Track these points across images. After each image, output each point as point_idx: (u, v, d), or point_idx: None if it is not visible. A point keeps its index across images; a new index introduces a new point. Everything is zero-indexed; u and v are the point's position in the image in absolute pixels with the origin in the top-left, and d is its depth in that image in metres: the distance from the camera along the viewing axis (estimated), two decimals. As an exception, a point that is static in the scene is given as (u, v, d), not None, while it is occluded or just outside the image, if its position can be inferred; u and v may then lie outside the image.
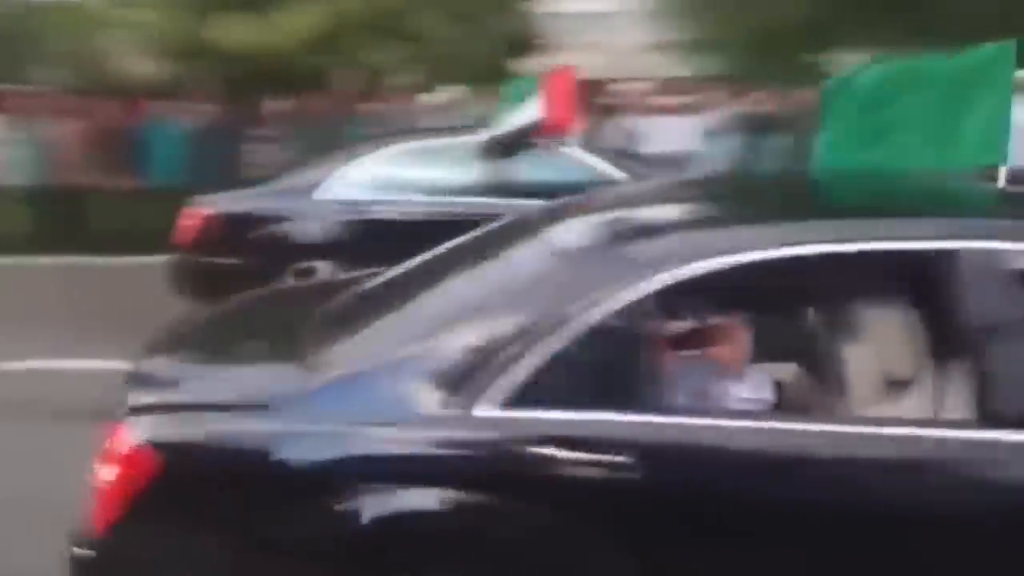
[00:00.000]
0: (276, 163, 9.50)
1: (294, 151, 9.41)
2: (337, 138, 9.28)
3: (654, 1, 13.17)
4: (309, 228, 6.19)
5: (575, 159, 6.39)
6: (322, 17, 10.66)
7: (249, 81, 10.64)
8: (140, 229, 9.39)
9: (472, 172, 6.23)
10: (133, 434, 2.34)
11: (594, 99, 8.92)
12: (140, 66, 11.36)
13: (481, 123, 6.95)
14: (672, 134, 7.94)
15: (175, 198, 9.29)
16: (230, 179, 9.37)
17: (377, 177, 6.30)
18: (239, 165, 9.65)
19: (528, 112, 6.34)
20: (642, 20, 13.79)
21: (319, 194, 6.28)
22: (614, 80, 10.40)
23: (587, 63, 14.42)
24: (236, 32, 10.52)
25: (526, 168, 6.27)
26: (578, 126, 6.45)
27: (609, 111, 9.26)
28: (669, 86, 9.43)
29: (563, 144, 6.39)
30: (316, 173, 6.56)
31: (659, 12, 13.04)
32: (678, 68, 12.29)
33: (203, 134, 9.57)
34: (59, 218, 9.28)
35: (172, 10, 10.83)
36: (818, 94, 4.46)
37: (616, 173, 6.33)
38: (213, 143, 9.54)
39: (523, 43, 12.43)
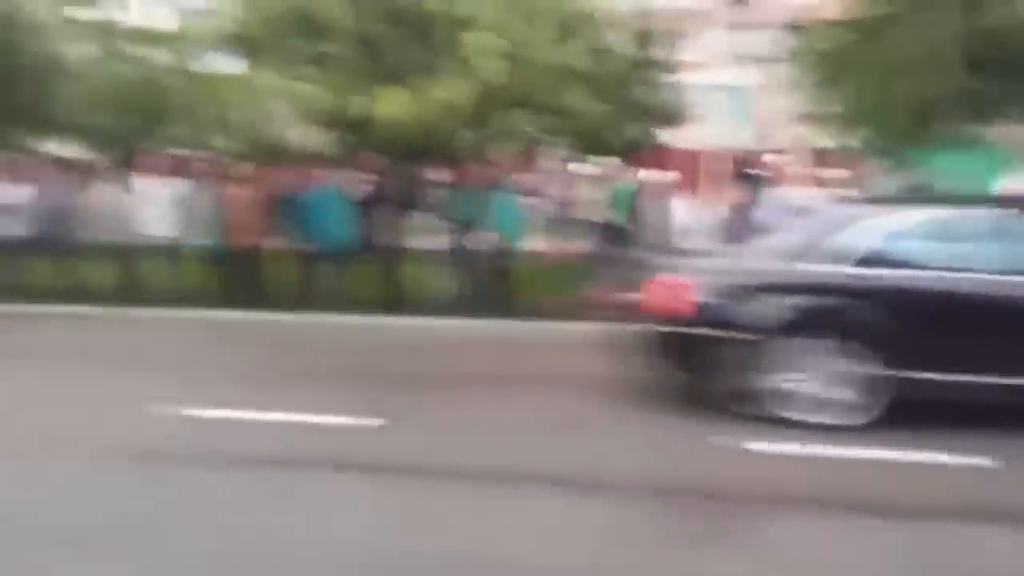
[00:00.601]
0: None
1: (451, 218, 9.89)
2: (491, 206, 9.73)
3: (797, 72, 13.19)
4: (820, 302, 5.79)
5: None
6: (469, 91, 11.11)
7: (404, 151, 11.16)
8: (306, 288, 10.01)
9: (997, 247, 5.75)
10: None
11: (745, 171, 9.01)
12: (305, 136, 12.06)
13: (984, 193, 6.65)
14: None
15: (339, 260, 9.97)
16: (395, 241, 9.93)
17: (877, 247, 5.86)
18: (399, 230, 10.14)
19: None
20: (786, 91, 13.82)
21: (823, 264, 5.85)
22: (763, 152, 10.44)
23: (732, 135, 14.49)
24: (389, 104, 11.06)
25: None
26: None
27: (761, 184, 9.29)
28: (823, 158, 9.43)
29: None
30: (804, 240, 6.08)
31: (802, 83, 13.05)
32: (826, 140, 12.24)
33: (367, 201, 10.08)
34: (235, 276, 9.93)
35: (333, 84, 11.49)
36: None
37: None
38: (376, 209, 10.05)
39: (669, 115, 12.65)
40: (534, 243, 9.92)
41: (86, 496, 4.54)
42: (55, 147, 13.26)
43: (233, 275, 10.10)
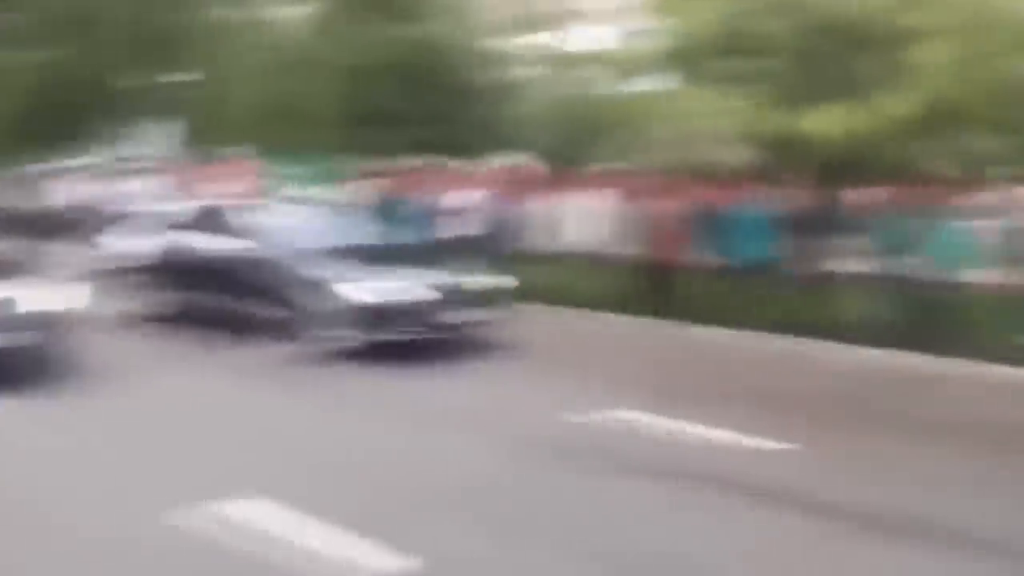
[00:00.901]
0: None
1: (883, 241, 9.26)
2: (930, 230, 8.95)
3: None
4: None
5: None
6: (918, 105, 10.29)
7: (835, 170, 10.66)
8: (721, 303, 9.98)
9: None
10: None
11: None
12: (731, 153, 12.01)
13: None
14: None
15: (758, 278, 9.80)
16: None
17: None
18: (822, 252, 9.73)
19: None
20: None
21: None
22: None
23: None
24: (824, 121, 10.62)
25: None
26: None
27: None
28: None
29: None
30: None
31: None
32: None
33: (788, 220, 9.82)
34: (654, 287, 10.23)
35: (766, 101, 11.31)
36: None
37: None
38: (797, 229, 9.76)
39: None
40: (984, 274, 8.90)
41: (507, 489, 4.89)
42: (501, 160, 14.65)
43: (652, 286, 10.37)
